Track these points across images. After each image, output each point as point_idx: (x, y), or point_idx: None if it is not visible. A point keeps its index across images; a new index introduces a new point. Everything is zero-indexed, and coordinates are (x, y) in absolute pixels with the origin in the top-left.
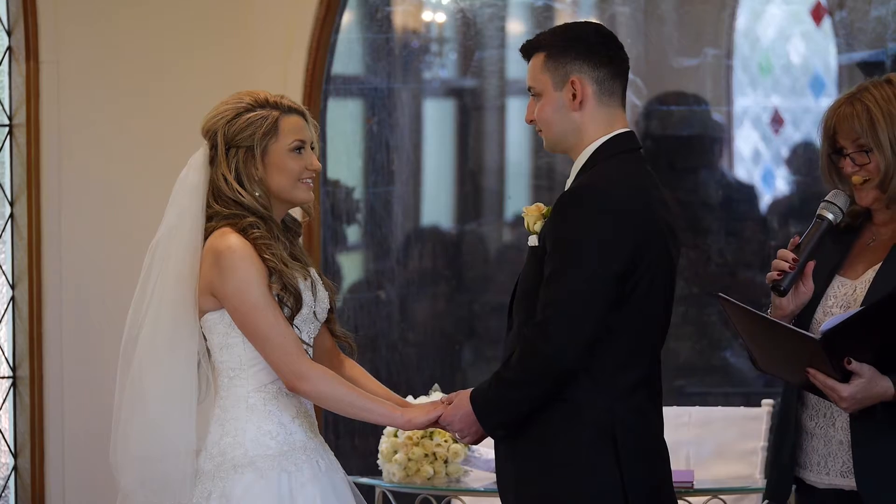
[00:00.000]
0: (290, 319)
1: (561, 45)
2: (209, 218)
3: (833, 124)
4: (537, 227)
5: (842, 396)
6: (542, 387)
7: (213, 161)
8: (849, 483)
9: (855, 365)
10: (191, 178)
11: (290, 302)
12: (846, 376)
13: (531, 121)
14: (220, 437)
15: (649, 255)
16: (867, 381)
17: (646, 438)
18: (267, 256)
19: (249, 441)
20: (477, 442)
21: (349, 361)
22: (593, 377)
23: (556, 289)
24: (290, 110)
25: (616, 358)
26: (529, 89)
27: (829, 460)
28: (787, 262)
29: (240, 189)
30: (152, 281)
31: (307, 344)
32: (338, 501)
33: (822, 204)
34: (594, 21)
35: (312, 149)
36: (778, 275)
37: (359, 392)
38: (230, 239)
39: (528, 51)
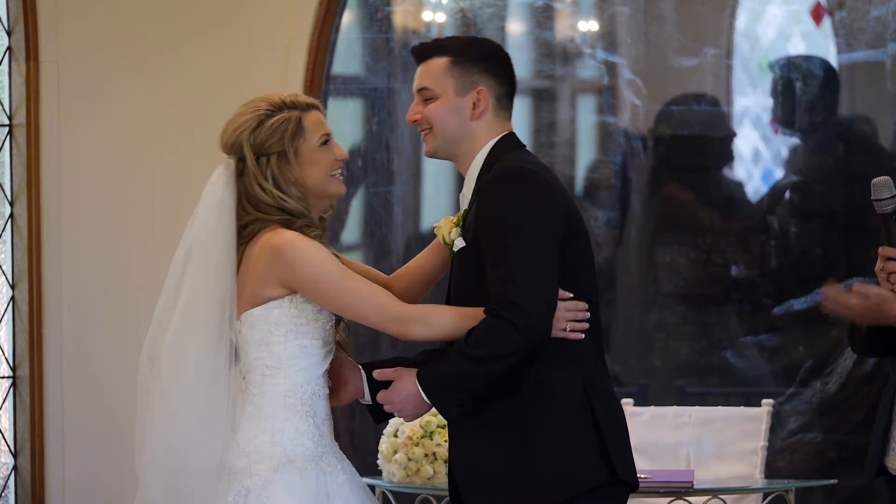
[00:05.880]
0: (340, 320)
1: (469, 55)
2: (247, 224)
3: None
4: (453, 234)
5: None
6: (514, 360)
7: (242, 174)
8: None
9: None
10: (218, 193)
11: None
12: None
13: (415, 121)
14: (255, 435)
15: (576, 226)
16: None
17: (613, 399)
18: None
19: (288, 440)
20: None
21: (393, 278)
22: (556, 345)
23: (515, 265)
24: (309, 107)
25: None
26: (421, 90)
27: None
28: None
29: (281, 195)
30: (182, 297)
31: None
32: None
33: (883, 202)
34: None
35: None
36: None
37: (457, 309)
38: (286, 233)
39: (426, 52)
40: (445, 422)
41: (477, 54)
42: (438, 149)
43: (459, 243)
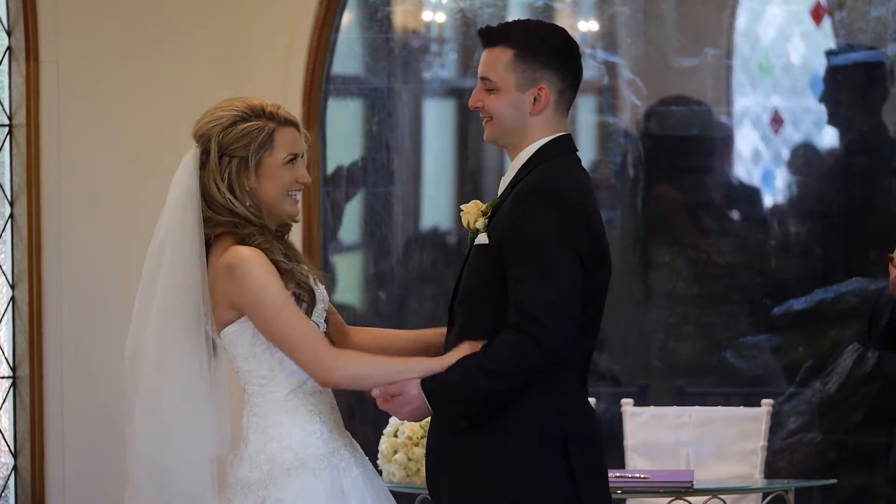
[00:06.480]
0: (308, 315)
1: (533, 48)
2: (203, 223)
3: None
4: (479, 224)
5: None
6: (528, 377)
7: (204, 166)
8: None
9: None
10: (184, 182)
11: (305, 297)
12: None
13: (476, 108)
14: (265, 444)
15: (599, 252)
16: None
17: (590, 431)
18: (277, 258)
19: (297, 443)
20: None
21: (355, 329)
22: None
23: (539, 281)
24: (286, 122)
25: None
26: (483, 79)
27: None
28: None
29: (232, 198)
30: (158, 288)
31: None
32: (384, 496)
33: None
34: (560, 26)
35: (302, 157)
36: None
37: (385, 359)
38: (240, 251)
39: (492, 38)
40: None
41: (542, 47)
42: (497, 138)
43: (482, 239)
